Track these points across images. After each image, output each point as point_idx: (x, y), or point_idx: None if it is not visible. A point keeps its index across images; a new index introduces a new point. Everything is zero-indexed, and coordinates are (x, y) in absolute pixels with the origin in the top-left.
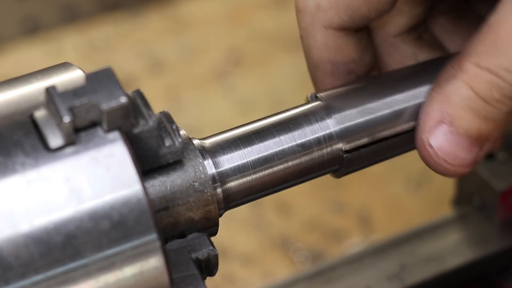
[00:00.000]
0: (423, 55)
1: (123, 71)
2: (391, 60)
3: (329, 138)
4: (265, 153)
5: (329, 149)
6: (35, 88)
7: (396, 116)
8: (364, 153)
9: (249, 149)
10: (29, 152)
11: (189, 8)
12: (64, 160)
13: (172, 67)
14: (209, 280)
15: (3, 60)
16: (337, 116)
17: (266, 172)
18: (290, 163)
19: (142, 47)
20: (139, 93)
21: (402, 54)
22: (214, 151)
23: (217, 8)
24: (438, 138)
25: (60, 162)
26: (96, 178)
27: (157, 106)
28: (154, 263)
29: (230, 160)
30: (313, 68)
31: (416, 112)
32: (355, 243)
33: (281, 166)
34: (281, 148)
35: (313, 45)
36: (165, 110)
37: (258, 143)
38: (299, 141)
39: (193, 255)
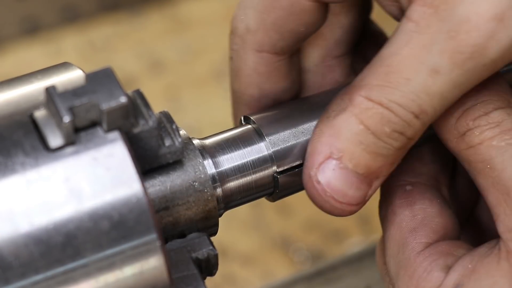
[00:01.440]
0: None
1: (123, 71)
2: (324, 83)
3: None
4: (265, 153)
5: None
6: (35, 88)
7: None
8: (299, 173)
9: (249, 149)
10: (29, 152)
11: (189, 8)
12: (64, 160)
13: (172, 67)
14: (209, 280)
15: (3, 60)
16: (270, 138)
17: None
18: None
19: (142, 47)
20: (139, 93)
21: (338, 78)
22: (214, 151)
23: (217, 8)
24: (326, 173)
25: (60, 162)
26: (96, 178)
27: (157, 106)
28: (154, 263)
29: (230, 160)
30: (238, 93)
31: None
32: (355, 243)
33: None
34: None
35: (243, 68)
36: (165, 110)
37: (258, 143)
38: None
39: (193, 255)
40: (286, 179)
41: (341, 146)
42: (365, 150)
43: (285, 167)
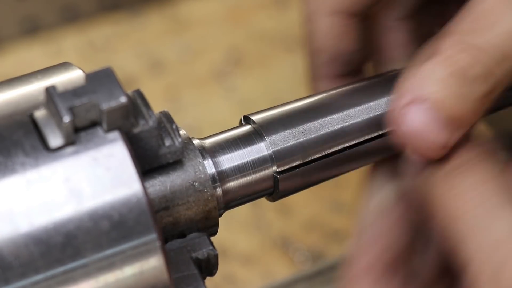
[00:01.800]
0: (417, 47)
1: (123, 71)
2: (387, 47)
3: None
4: (265, 153)
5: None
6: (35, 88)
7: (331, 136)
8: (299, 173)
9: (249, 149)
10: (29, 152)
11: (189, 8)
12: (64, 160)
13: (172, 67)
14: (209, 280)
15: (3, 60)
16: (270, 138)
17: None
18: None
19: (142, 47)
20: (139, 93)
21: (398, 42)
22: (214, 151)
23: (217, 8)
24: (410, 117)
25: (60, 162)
26: (96, 178)
27: (157, 106)
28: (154, 263)
29: (230, 160)
30: (312, 55)
31: (350, 132)
32: None
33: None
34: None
35: (317, 31)
36: (165, 110)
37: (259, 142)
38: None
39: (193, 255)
40: (286, 179)
41: (426, 90)
42: (449, 94)
43: (285, 167)
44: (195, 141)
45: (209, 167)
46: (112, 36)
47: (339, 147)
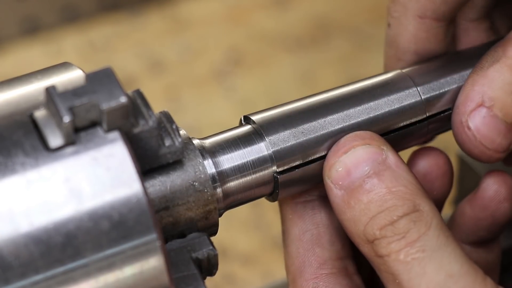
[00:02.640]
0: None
1: (123, 71)
2: (459, 47)
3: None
4: (265, 153)
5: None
6: (35, 88)
7: (330, 136)
8: (299, 173)
9: (249, 149)
10: (29, 152)
11: (189, 8)
12: (64, 160)
13: (172, 67)
14: (209, 280)
15: (3, 60)
16: (270, 138)
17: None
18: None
19: (142, 47)
20: (139, 93)
21: (474, 43)
22: (214, 151)
23: (217, 8)
24: (477, 120)
25: (60, 162)
26: (96, 178)
27: (157, 106)
28: (154, 263)
29: (230, 160)
30: (394, 58)
31: (350, 132)
32: None
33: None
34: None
35: (403, 34)
36: (165, 110)
37: (259, 142)
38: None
39: (193, 255)
40: (286, 179)
41: (493, 95)
42: None
43: (285, 167)
44: (195, 141)
45: (209, 167)
46: (112, 36)
47: None
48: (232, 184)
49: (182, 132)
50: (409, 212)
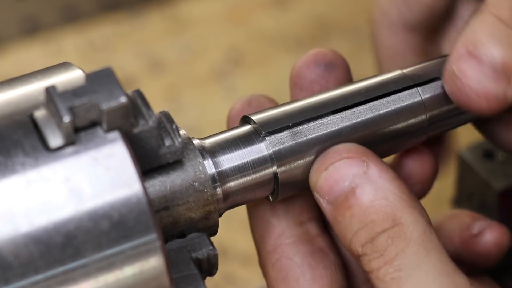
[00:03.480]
0: None
1: (123, 71)
2: None
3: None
4: (265, 153)
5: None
6: (35, 88)
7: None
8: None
9: (249, 149)
10: (29, 152)
11: (189, 8)
12: (64, 160)
13: (172, 67)
14: (209, 280)
15: (3, 60)
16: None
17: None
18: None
19: (142, 47)
20: (139, 93)
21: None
22: (214, 151)
23: (217, 8)
24: (465, 69)
25: (60, 162)
26: (96, 178)
27: (157, 106)
28: (154, 263)
29: (230, 160)
30: (380, 68)
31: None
32: None
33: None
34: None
35: (381, 50)
36: (165, 110)
37: (259, 143)
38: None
39: (193, 255)
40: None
41: (476, 41)
42: (500, 43)
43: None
44: (195, 141)
45: (209, 167)
46: (112, 36)
47: None
48: (232, 184)
49: (182, 132)
50: (388, 228)
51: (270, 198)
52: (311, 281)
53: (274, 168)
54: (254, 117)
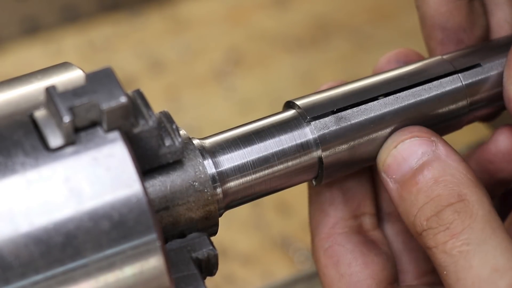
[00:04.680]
0: None
1: (123, 71)
2: (491, 22)
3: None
4: (265, 153)
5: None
6: (35, 88)
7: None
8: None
9: (249, 149)
10: (29, 152)
11: (189, 8)
12: (64, 160)
13: (172, 67)
14: (209, 280)
15: (3, 60)
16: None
17: (266, 172)
18: (290, 163)
19: (142, 47)
20: (139, 93)
21: (503, 17)
22: (214, 151)
23: (217, 8)
24: None
25: (60, 162)
26: (96, 178)
27: (157, 106)
28: (154, 263)
29: (230, 160)
30: (427, 37)
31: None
32: None
33: (281, 166)
34: (281, 148)
35: (427, 11)
36: (165, 110)
37: (258, 143)
38: (298, 141)
39: (193, 255)
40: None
41: None
42: None
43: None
44: (195, 141)
45: (209, 167)
46: (112, 36)
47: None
48: (232, 184)
49: (182, 132)
50: (454, 202)
51: (314, 182)
52: (363, 265)
53: (319, 152)
54: (298, 102)
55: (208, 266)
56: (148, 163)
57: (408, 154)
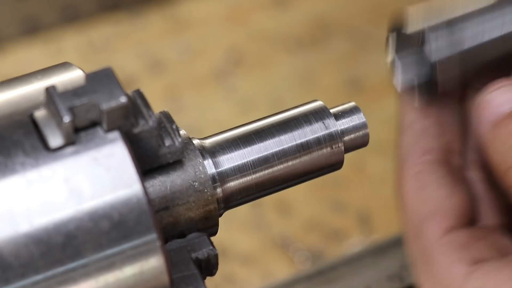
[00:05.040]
0: None
1: (123, 71)
2: None
3: (329, 138)
4: (265, 153)
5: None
6: (35, 88)
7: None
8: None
9: (249, 149)
10: (29, 152)
11: (189, 8)
12: (64, 160)
13: (172, 67)
14: (209, 280)
15: (3, 60)
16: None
17: (266, 172)
18: (290, 163)
19: (142, 47)
20: (139, 93)
21: None
22: (214, 151)
23: (217, 8)
24: None
25: (60, 162)
26: (96, 178)
27: (157, 106)
28: (154, 263)
29: (230, 160)
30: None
31: None
32: (355, 243)
33: (281, 166)
34: (281, 148)
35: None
36: (165, 110)
37: (258, 143)
38: (298, 141)
39: (193, 255)
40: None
41: None
42: None
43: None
44: (195, 141)
45: (209, 167)
46: (112, 36)
47: None
48: (232, 184)
49: (182, 132)
50: None
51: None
52: (450, 194)
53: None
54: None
55: (208, 266)
56: (148, 163)
57: (504, 100)
